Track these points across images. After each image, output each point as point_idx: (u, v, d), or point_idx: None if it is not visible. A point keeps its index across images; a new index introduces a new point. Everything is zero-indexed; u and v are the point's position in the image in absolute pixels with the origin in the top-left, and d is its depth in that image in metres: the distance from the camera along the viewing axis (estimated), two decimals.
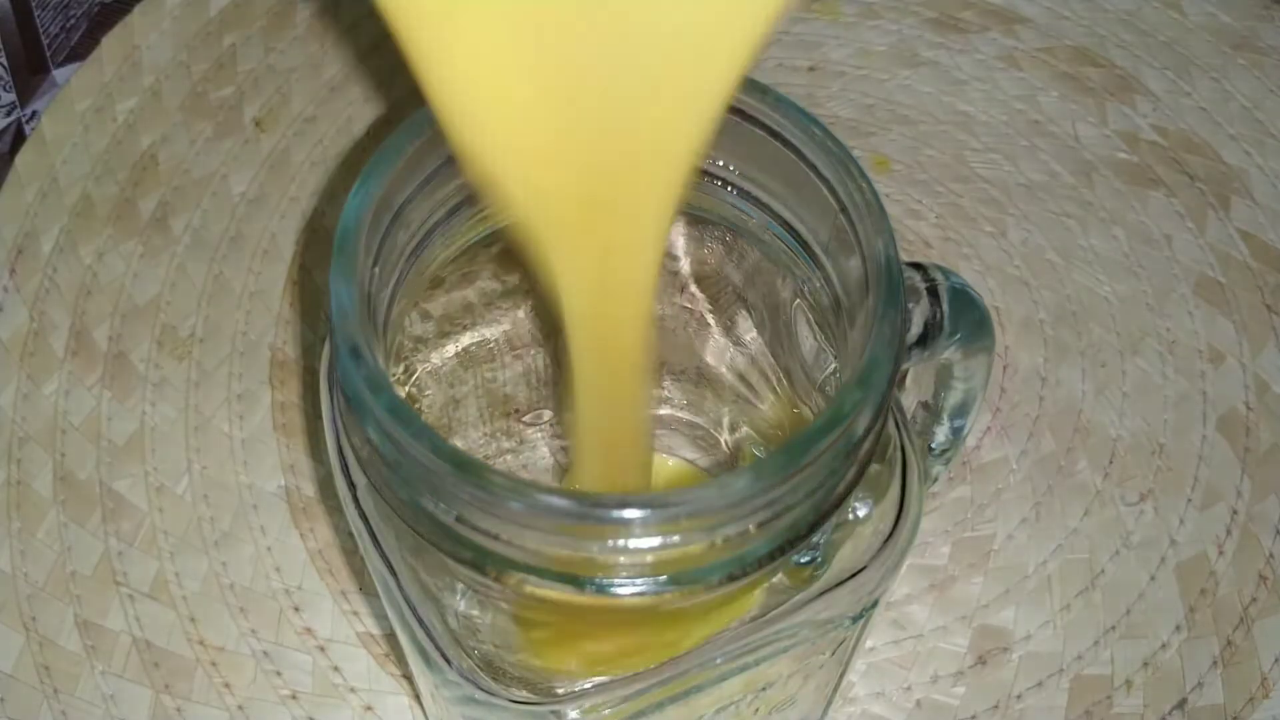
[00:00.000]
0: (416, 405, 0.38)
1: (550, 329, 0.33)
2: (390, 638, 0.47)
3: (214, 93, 0.59)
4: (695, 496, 0.27)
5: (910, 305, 0.37)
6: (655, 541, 0.28)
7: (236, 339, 0.54)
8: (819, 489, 0.29)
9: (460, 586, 0.32)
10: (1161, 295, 0.55)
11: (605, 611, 0.31)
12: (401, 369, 0.38)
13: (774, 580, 0.33)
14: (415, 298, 0.35)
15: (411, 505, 0.30)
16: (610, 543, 0.28)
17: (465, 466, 0.28)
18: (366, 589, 0.48)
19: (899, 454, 0.34)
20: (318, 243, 0.56)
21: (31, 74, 0.59)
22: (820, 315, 0.35)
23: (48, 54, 0.59)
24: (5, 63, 0.59)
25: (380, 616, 0.48)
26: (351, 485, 0.34)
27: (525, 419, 0.43)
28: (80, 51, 0.60)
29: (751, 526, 0.29)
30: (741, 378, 0.41)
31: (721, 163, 0.35)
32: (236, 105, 0.59)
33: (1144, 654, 0.48)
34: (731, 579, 0.30)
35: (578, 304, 0.29)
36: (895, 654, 0.48)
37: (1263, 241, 0.56)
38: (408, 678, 0.47)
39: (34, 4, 0.59)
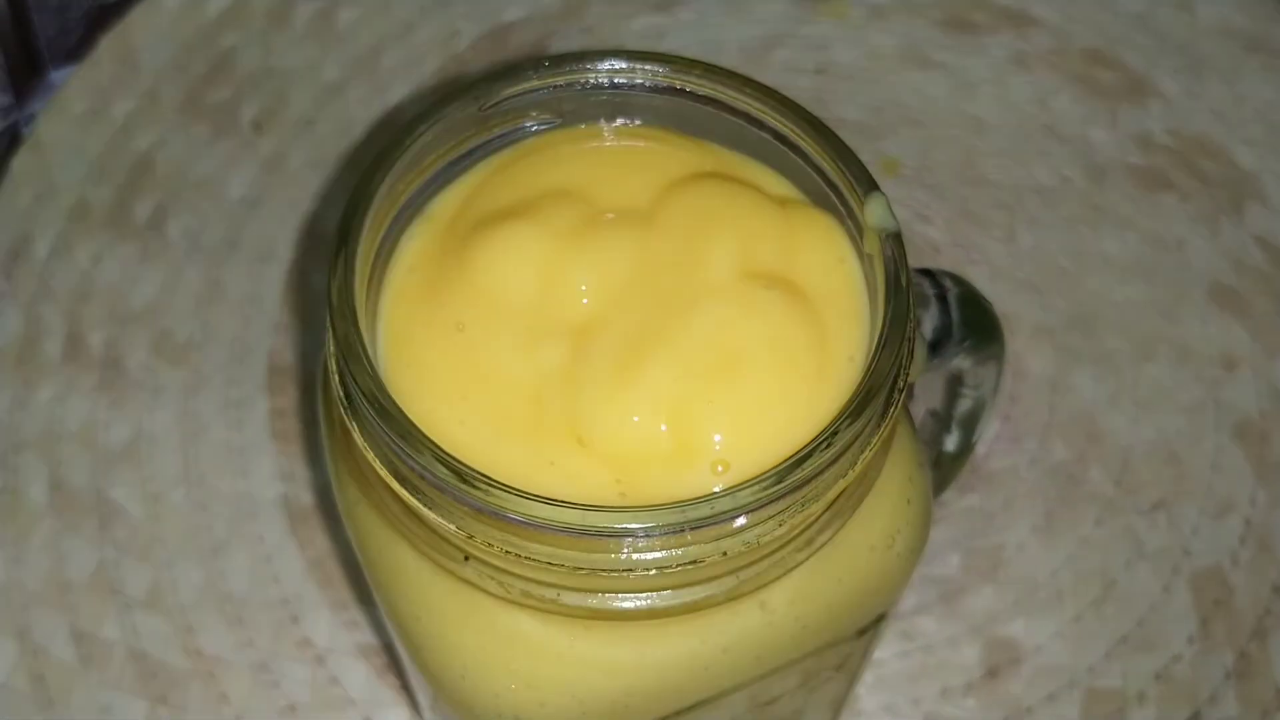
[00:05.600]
0: None
1: None
2: (390, 648, 0.47)
3: (212, 95, 0.59)
4: (695, 510, 0.27)
5: (920, 312, 0.36)
6: (657, 555, 0.28)
7: (233, 344, 0.53)
8: (824, 500, 0.29)
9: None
10: (1174, 301, 0.54)
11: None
12: None
13: None
14: None
15: (410, 514, 0.30)
16: (612, 555, 0.28)
17: (465, 477, 0.27)
18: (365, 599, 0.48)
19: (907, 462, 0.34)
20: (316, 247, 0.55)
21: (28, 76, 0.59)
22: None
23: (45, 56, 0.59)
24: (3, 64, 0.58)
25: (379, 627, 0.47)
26: (349, 494, 0.34)
27: None
28: (77, 53, 0.59)
29: (756, 539, 0.28)
30: None
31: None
32: (234, 108, 0.59)
33: (1157, 666, 0.47)
34: (736, 593, 0.30)
35: None
36: (904, 666, 0.47)
37: (1277, 247, 0.56)
38: (407, 689, 0.46)
39: (32, 6, 0.58)
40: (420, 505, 0.29)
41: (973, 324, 0.37)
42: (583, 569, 0.28)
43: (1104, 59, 0.61)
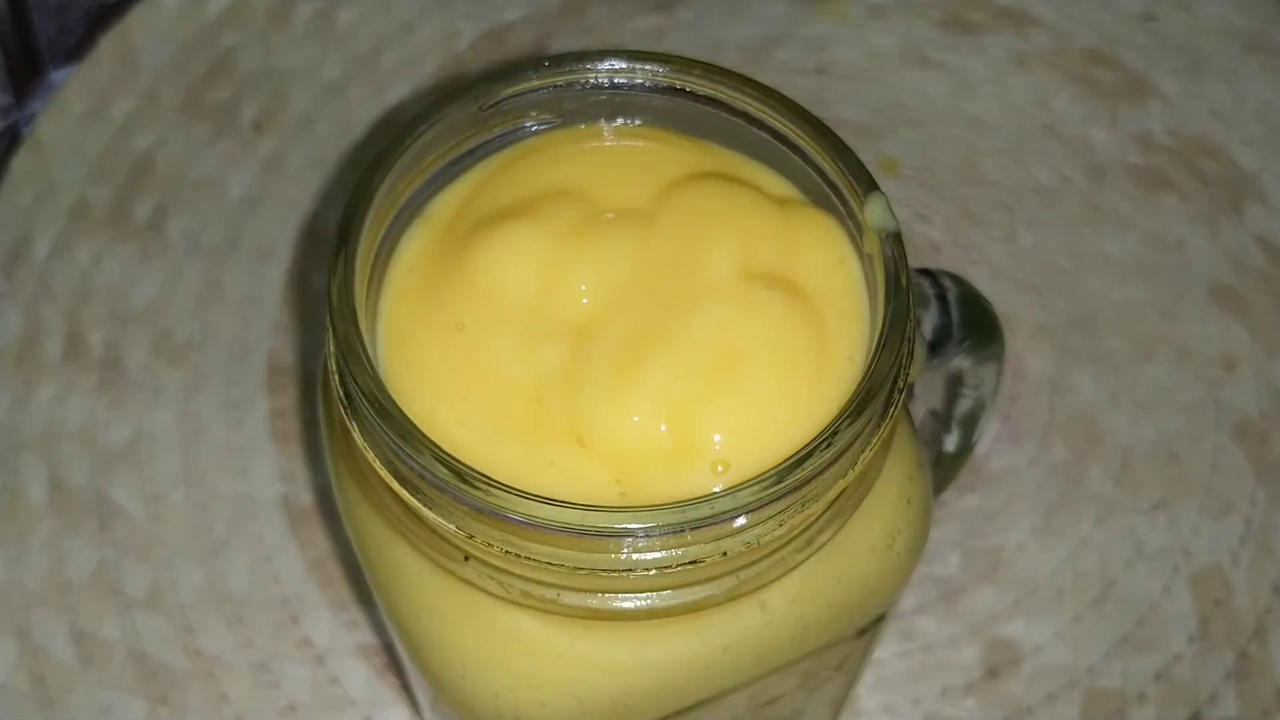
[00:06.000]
0: None
1: None
2: (390, 648, 0.47)
3: (212, 95, 0.59)
4: (695, 510, 0.27)
5: (920, 312, 0.36)
6: (657, 555, 0.28)
7: (233, 344, 0.53)
8: (824, 500, 0.29)
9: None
10: (1174, 301, 0.54)
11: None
12: None
13: None
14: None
15: (410, 514, 0.30)
16: (612, 555, 0.28)
17: (465, 477, 0.27)
18: (365, 599, 0.48)
19: (907, 462, 0.33)
20: (316, 246, 0.55)
21: (28, 76, 0.59)
22: None
23: (45, 56, 0.59)
24: (3, 64, 0.58)
25: (379, 627, 0.47)
26: (349, 494, 0.34)
27: None
28: (78, 53, 0.59)
29: (756, 539, 0.28)
30: None
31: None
32: (234, 108, 0.59)
33: (1156, 666, 0.47)
34: (736, 593, 0.30)
35: None
36: (903, 666, 0.47)
37: (1277, 247, 0.56)
38: (407, 689, 0.46)
39: (32, 6, 0.58)
40: (420, 505, 0.29)
41: (973, 324, 0.37)
42: (583, 569, 0.28)
43: (1104, 59, 0.61)
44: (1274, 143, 0.58)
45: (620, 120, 0.34)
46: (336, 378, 0.30)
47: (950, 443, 0.44)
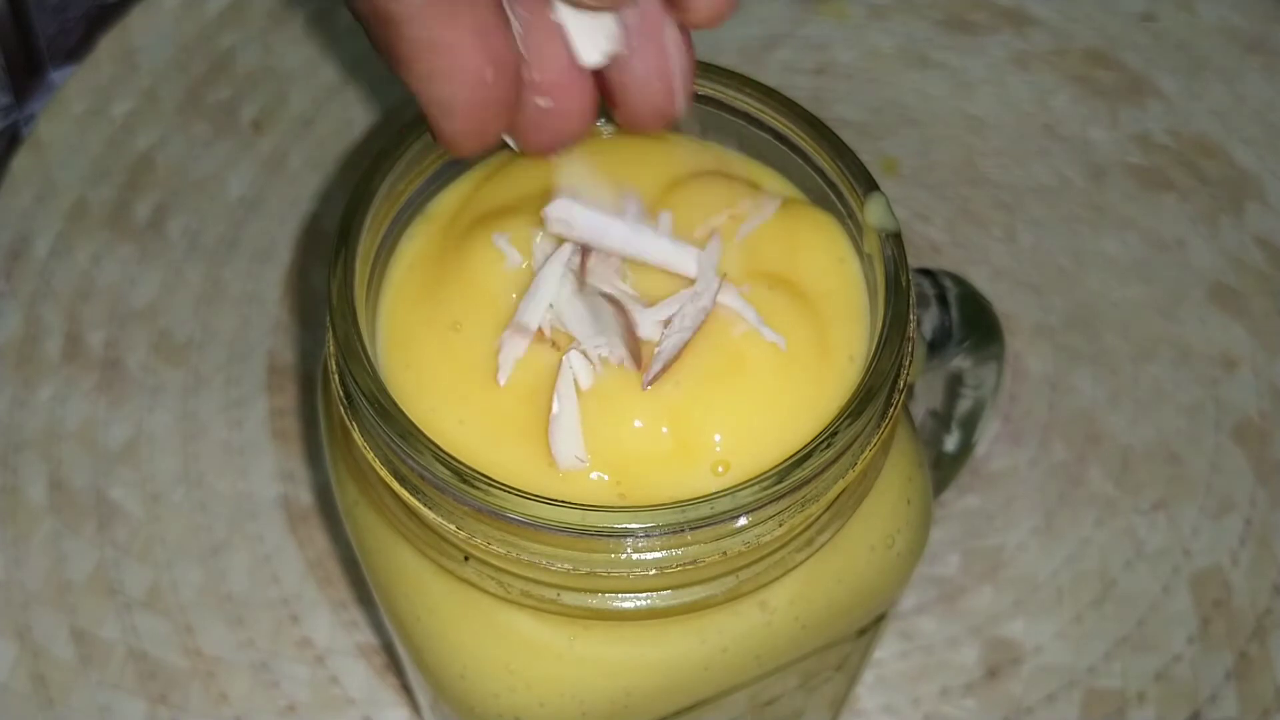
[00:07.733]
0: None
1: None
2: (390, 648, 0.47)
3: (212, 95, 0.59)
4: (695, 510, 0.27)
5: (920, 312, 0.36)
6: (657, 555, 0.28)
7: (233, 344, 0.53)
8: (823, 500, 0.29)
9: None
10: (1174, 301, 0.54)
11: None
12: None
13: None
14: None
15: (410, 514, 0.30)
16: (612, 555, 0.28)
17: (465, 477, 0.27)
18: (365, 599, 0.48)
19: (907, 462, 0.33)
20: (316, 246, 0.55)
21: (28, 76, 0.59)
22: None
23: (45, 56, 0.59)
24: (2, 64, 0.58)
25: (379, 627, 0.47)
26: (349, 494, 0.34)
27: None
28: (78, 53, 0.59)
29: (756, 539, 0.28)
30: None
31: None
32: (234, 107, 0.59)
33: (1156, 666, 0.47)
34: (736, 593, 0.30)
35: None
36: (903, 666, 0.47)
37: (1277, 247, 0.56)
38: (407, 689, 0.46)
39: (32, 6, 0.58)
40: (420, 505, 0.29)
41: (973, 324, 0.37)
42: (582, 569, 0.28)
43: (1104, 59, 0.61)
44: (1274, 143, 0.58)
45: None
46: (336, 378, 0.30)
47: (950, 443, 0.44)
